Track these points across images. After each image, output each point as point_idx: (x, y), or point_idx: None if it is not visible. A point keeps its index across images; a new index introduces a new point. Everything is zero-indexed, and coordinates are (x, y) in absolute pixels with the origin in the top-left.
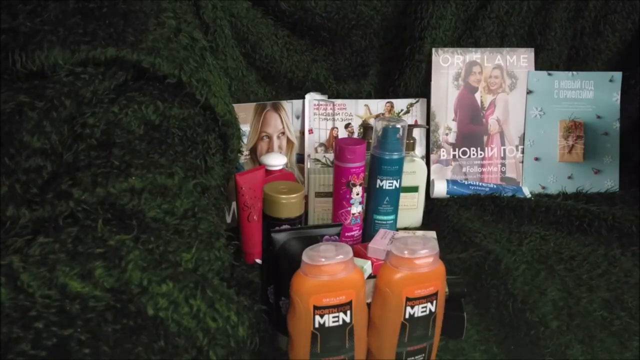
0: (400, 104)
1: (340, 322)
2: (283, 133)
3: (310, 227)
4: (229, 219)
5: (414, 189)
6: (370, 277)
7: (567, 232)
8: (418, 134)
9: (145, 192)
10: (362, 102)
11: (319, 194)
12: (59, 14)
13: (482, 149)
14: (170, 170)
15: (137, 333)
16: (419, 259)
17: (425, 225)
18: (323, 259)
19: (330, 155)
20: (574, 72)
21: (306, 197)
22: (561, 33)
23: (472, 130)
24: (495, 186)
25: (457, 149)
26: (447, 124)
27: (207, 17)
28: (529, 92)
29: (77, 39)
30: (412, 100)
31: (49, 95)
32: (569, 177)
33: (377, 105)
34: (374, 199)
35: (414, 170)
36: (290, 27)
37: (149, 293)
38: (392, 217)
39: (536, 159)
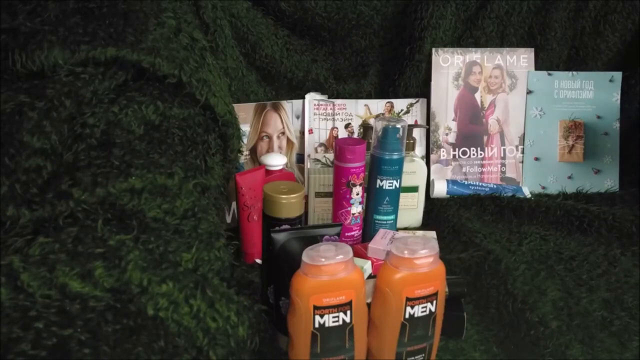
0: (400, 104)
1: (340, 322)
2: (283, 133)
3: (310, 227)
4: (229, 219)
5: (414, 189)
6: (370, 277)
7: (567, 232)
8: (418, 134)
9: (145, 192)
10: (362, 102)
11: (319, 194)
12: (59, 14)
13: (482, 149)
14: (170, 170)
15: (137, 333)
16: (419, 259)
17: (425, 225)
18: (323, 259)
19: (330, 155)
20: (574, 72)
21: (306, 197)
22: (561, 33)
23: (472, 130)
24: (495, 186)
25: (457, 149)
26: (447, 124)
27: (207, 17)
28: (529, 92)
29: (77, 39)
30: (412, 100)
31: (49, 95)
32: (569, 177)
33: (377, 105)
34: (374, 199)
35: (414, 170)
36: (290, 27)
37: (149, 293)
38: (392, 217)
39: (536, 159)
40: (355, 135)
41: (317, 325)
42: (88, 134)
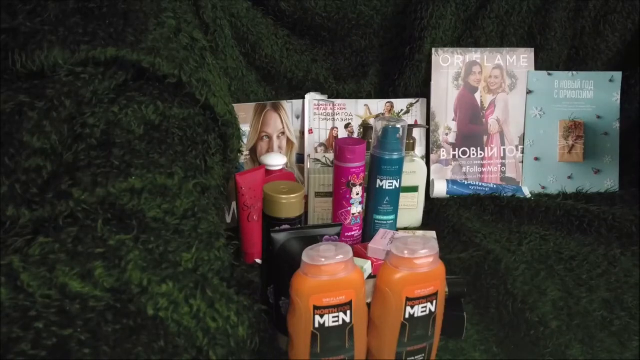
0: (400, 104)
1: (340, 322)
2: (283, 133)
3: (310, 227)
4: (229, 219)
5: (414, 189)
6: (370, 277)
7: (567, 232)
8: (418, 134)
9: (145, 192)
10: (362, 102)
11: (319, 194)
12: (59, 14)
13: (482, 149)
14: (170, 170)
15: (137, 333)
16: (419, 259)
17: (425, 225)
18: (323, 259)
19: (330, 155)
20: (574, 72)
21: (306, 197)
22: (561, 33)
23: (472, 130)
24: (495, 186)
25: (457, 149)
26: (447, 124)
27: (207, 17)
28: (529, 92)
29: (77, 39)
30: (412, 100)
31: (49, 95)
32: (569, 177)
33: (377, 105)
34: (374, 199)
35: (414, 170)
36: (290, 27)
37: (149, 293)
38: (392, 217)
39: (536, 159)
40: (355, 135)
41: (317, 325)
42: (88, 134)
